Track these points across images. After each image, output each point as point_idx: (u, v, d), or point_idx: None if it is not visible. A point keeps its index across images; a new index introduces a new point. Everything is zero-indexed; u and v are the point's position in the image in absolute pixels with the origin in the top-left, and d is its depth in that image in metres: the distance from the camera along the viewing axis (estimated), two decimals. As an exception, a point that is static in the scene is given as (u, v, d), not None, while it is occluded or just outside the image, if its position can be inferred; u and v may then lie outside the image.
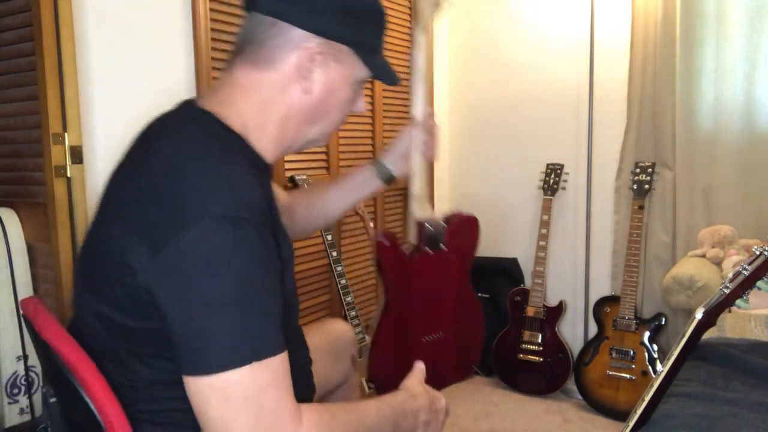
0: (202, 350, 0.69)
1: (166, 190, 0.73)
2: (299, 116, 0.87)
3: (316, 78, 0.84)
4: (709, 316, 0.94)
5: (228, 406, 0.69)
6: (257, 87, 0.83)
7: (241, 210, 0.71)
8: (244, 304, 0.70)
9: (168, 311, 0.71)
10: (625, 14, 2.50)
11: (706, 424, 0.94)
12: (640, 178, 2.42)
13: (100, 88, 1.57)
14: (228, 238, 0.69)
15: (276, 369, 0.71)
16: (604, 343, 2.40)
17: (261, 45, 0.82)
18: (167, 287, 0.70)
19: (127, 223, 0.75)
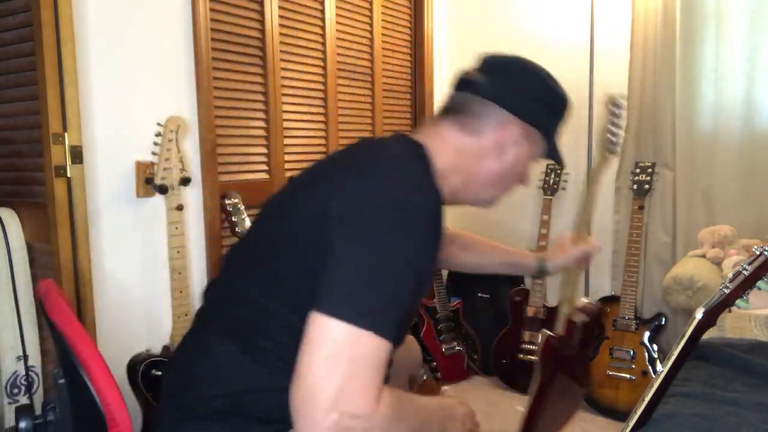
0: (343, 297, 0.77)
1: (381, 171, 0.89)
2: (483, 180, 1.03)
3: (509, 153, 1.01)
4: (709, 316, 0.94)
5: (333, 357, 0.74)
6: (458, 145, 1.00)
7: (426, 204, 0.85)
8: (393, 281, 0.79)
9: (336, 254, 0.80)
10: (625, 14, 2.50)
11: (706, 424, 0.94)
12: (640, 178, 2.42)
13: (100, 88, 1.57)
14: (413, 222, 0.82)
15: (383, 351, 0.77)
16: (604, 343, 2.40)
17: (471, 115, 1.00)
18: (347, 228, 0.81)
19: (338, 185, 0.88)
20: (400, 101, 2.78)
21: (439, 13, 2.95)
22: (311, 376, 0.75)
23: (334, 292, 0.78)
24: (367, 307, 0.77)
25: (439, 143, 0.99)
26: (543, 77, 1.05)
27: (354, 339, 0.75)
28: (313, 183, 0.95)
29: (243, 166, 2.00)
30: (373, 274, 0.78)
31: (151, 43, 1.68)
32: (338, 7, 2.34)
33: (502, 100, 0.99)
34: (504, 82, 1.01)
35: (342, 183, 0.88)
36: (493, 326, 2.77)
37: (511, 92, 1.00)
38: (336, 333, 0.75)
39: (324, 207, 0.85)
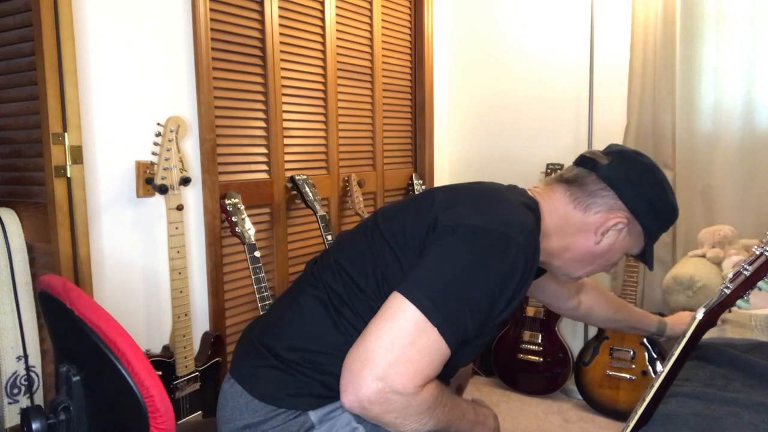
0: (423, 285, 0.86)
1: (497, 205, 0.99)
2: (576, 254, 1.09)
3: (608, 237, 1.07)
4: (709, 316, 0.94)
5: (396, 334, 0.83)
6: (565, 216, 1.07)
7: (527, 247, 0.92)
8: (470, 303, 0.87)
9: (431, 254, 0.90)
10: (625, 14, 2.50)
11: (706, 424, 0.94)
12: (640, 178, 2.42)
13: (100, 88, 1.57)
14: (512, 252, 0.89)
15: (442, 352, 0.85)
16: (604, 343, 2.40)
17: (585, 191, 1.06)
18: (442, 241, 0.91)
19: (452, 204, 0.99)
20: (400, 101, 2.78)
21: (439, 13, 2.95)
22: (374, 342, 0.83)
23: (420, 282, 0.86)
24: (442, 307, 0.84)
25: (549, 205, 1.08)
26: (661, 181, 1.09)
27: (421, 327, 0.83)
28: (432, 196, 1.04)
29: (243, 166, 2.00)
30: (456, 285, 0.86)
31: (151, 43, 1.68)
32: (338, 7, 2.34)
33: (617, 186, 1.05)
34: (624, 171, 1.06)
35: (456, 204, 0.98)
36: (493, 326, 2.77)
37: (628, 183, 1.05)
38: (409, 315, 0.83)
39: (434, 218, 0.95)
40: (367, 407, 0.82)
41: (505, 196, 1.03)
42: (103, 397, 0.87)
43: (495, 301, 0.90)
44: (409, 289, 0.86)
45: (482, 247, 0.89)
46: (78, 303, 0.88)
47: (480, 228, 0.90)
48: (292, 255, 2.20)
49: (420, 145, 2.89)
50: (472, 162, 3.01)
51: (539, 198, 1.09)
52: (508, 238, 0.90)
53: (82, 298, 0.88)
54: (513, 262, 0.90)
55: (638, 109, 2.47)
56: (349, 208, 2.41)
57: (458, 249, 0.89)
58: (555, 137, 2.74)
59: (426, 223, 0.96)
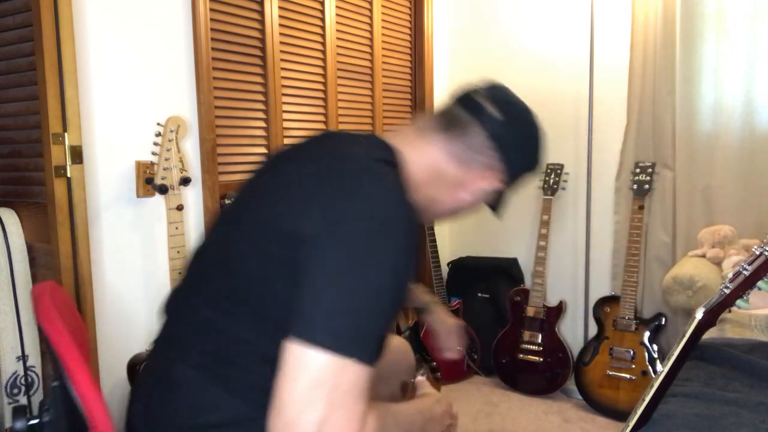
0: (320, 322, 0.73)
1: (344, 181, 0.81)
2: (445, 207, 1.00)
3: (480, 195, 0.99)
4: (709, 316, 0.94)
5: (313, 387, 0.71)
6: (439, 168, 0.95)
7: (403, 225, 0.79)
8: (373, 303, 0.75)
9: (310, 275, 0.75)
10: (625, 14, 2.50)
11: (706, 424, 0.94)
12: (640, 178, 2.42)
13: (100, 88, 1.57)
14: (391, 238, 0.77)
15: (364, 378, 0.74)
16: (604, 343, 2.40)
17: (467, 147, 0.95)
18: (323, 257, 0.75)
19: (302, 202, 0.81)
20: (400, 101, 2.78)
21: (439, 13, 2.95)
22: (291, 407, 0.71)
23: (311, 317, 0.73)
24: (346, 333, 0.73)
25: (419, 156, 0.95)
26: (540, 140, 1.02)
27: (335, 367, 0.71)
28: (267, 193, 0.88)
29: (243, 166, 2.00)
30: (351, 298, 0.74)
31: (151, 43, 1.68)
32: (338, 7, 2.34)
33: (506, 151, 0.96)
34: (517, 135, 0.97)
35: (307, 200, 0.81)
36: (493, 326, 2.77)
37: (514, 146, 0.97)
38: (316, 361, 0.71)
39: (286, 226, 0.80)
40: None
41: (356, 162, 0.85)
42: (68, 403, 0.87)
43: (398, 290, 0.80)
44: (302, 330, 0.73)
45: (363, 245, 0.76)
46: (41, 313, 0.87)
47: (351, 226, 0.76)
48: (292, 255, 2.20)
49: (420, 145, 2.89)
50: (472, 162, 3.00)
51: (404, 147, 0.94)
52: (385, 223, 0.78)
53: (46, 309, 0.88)
54: (402, 244, 0.79)
55: (638, 109, 2.47)
56: (349, 208, 2.41)
57: (339, 260, 0.75)
58: (555, 137, 2.74)
59: (278, 236, 0.81)
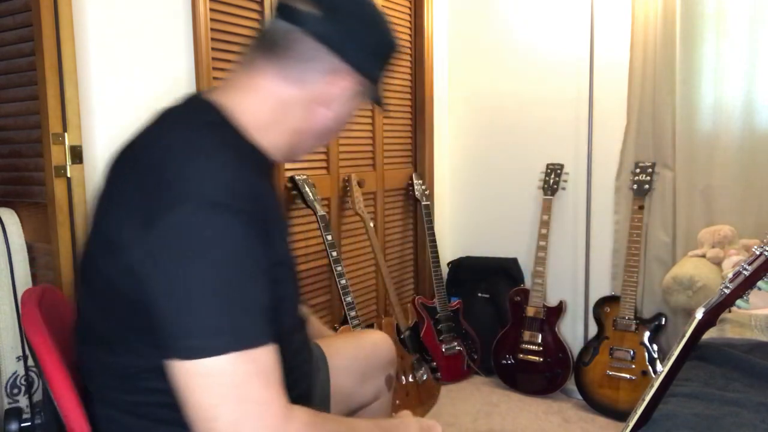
0: (182, 336, 0.70)
1: (159, 174, 0.75)
2: (313, 132, 0.91)
3: (340, 105, 0.90)
4: (709, 316, 0.94)
5: (211, 394, 0.68)
6: (281, 98, 0.86)
7: (226, 197, 0.73)
8: (227, 291, 0.70)
9: (152, 291, 0.72)
10: (625, 14, 2.50)
11: (706, 424, 0.94)
12: (640, 178, 2.42)
13: (100, 88, 1.57)
14: (213, 222, 0.71)
15: (261, 361, 0.71)
16: (604, 343, 2.40)
17: (298, 60, 0.84)
18: (153, 267, 0.71)
19: (123, 205, 0.77)
20: (400, 101, 2.78)
21: (439, 13, 2.95)
22: (203, 423, 0.69)
23: (176, 333, 0.70)
24: (215, 330, 0.69)
25: (254, 98, 0.86)
26: (380, 20, 0.90)
27: (223, 367, 0.68)
28: (105, 199, 0.83)
29: (243, 166, 2.00)
30: (204, 296, 0.70)
31: (151, 42, 1.68)
32: (338, 7, 2.34)
33: (337, 46, 0.84)
34: (340, 23, 0.85)
35: (130, 208, 0.75)
36: (493, 326, 2.77)
37: (347, 38, 0.85)
38: (202, 371, 0.68)
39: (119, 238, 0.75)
40: None
41: (173, 144, 0.79)
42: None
43: (261, 268, 0.75)
44: (175, 350, 0.69)
45: (197, 236, 0.70)
46: (24, 317, 0.87)
47: (174, 220, 0.71)
48: (292, 255, 2.20)
49: (420, 145, 2.89)
50: (472, 162, 3.01)
51: (236, 97, 0.86)
52: (215, 206, 0.72)
53: (30, 314, 0.87)
54: (240, 224, 0.73)
55: (638, 109, 2.47)
56: (349, 208, 2.41)
57: (177, 267, 0.70)
58: (555, 137, 2.74)
59: (114, 245, 0.76)
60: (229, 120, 0.84)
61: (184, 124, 0.83)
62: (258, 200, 0.77)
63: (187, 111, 0.86)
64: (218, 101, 0.85)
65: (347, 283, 2.19)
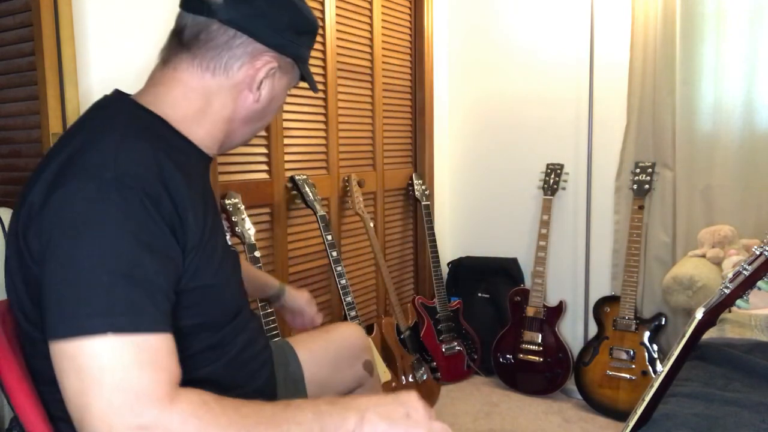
0: (58, 313, 0.67)
1: (66, 154, 0.76)
2: (242, 119, 0.93)
3: (265, 88, 0.90)
4: (709, 316, 0.94)
5: (81, 377, 0.64)
6: (204, 88, 0.88)
7: (125, 176, 0.72)
8: (112, 269, 0.67)
9: (42, 269, 0.70)
10: (625, 15, 2.50)
11: (706, 424, 0.94)
12: (640, 178, 2.42)
13: (100, 88, 1.57)
14: (106, 198, 0.70)
15: (144, 347, 0.67)
16: (604, 343, 2.40)
17: (215, 50, 0.87)
18: (41, 244, 0.70)
19: (34, 189, 0.75)
20: (400, 101, 2.78)
21: (439, 13, 2.95)
22: (75, 411, 0.65)
23: (54, 310, 0.67)
24: (92, 310, 0.66)
25: (179, 91, 0.88)
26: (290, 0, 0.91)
27: (96, 350, 0.65)
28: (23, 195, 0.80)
29: (243, 166, 2.00)
30: (85, 272, 0.67)
31: (151, 43, 1.68)
32: (338, 7, 2.34)
33: (248, 28, 0.86)
34: (247, 5, 0.86)
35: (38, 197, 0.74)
36: (493, 326, 2.77)
37: (258, 19, 0.86)
38: (74, 353, 0.65)
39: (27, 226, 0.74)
40: None
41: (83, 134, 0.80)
42: None
43: (160, 251, 0.72)
44: (49, 328, 0.67)
45: (85, 212, 0.69)
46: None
47: (66, 194, 0.70)
48: (292, 255, 2.20)
49: (420, 145, 2.89)
50: (472, 162, 3.01)
51: (158, 94, 0.89)
52: (110, 183, 0.70)
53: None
54: (138, 203, 0.71)
55: (638, 109, 2.47)
56: (349, 208, 2.41)
57: (58, 235, 0.69)
58: (555, 137, 2.74)
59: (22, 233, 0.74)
60: (155, 114, 0.86)
61: (99, 118, 0.84)
62: (167, 185, 0.76)
63: (105, 108, 0.88)
64: (143, 99, 0.88)
65: (347, 283, 2.19)
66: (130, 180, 0.72)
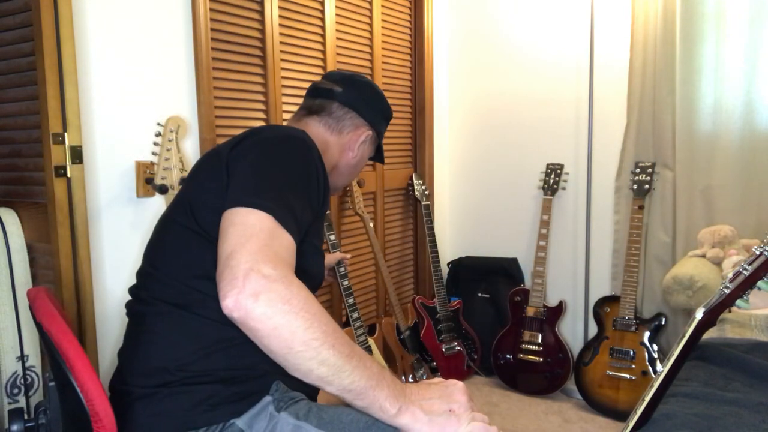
0: (243, 190, 0.90)
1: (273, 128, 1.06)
2: (341, 170, 1.27)
3: (360, 150, 1.26)
4: (709, 316, 0.94)
5: (244, 231, 0.84)
6: (325, 142, 1.22)
7: (310, 140, 1.03)
8: (285, 181, 0.93)
9: (233, 171, 0.95)
10: (625, 15, 2.50)
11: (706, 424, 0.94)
12: (640, 178, 2.42)
13: (100, 88, 1.57)
14: (299, 141, 1.00)
15: (286, 241, 0.87)
16: (604, 343, 2.40)
17: (335, 119, 1.23)
18: (241, 154, 0.97)
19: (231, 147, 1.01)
20: (401, 101, 2.78)
21: (439, 13, 2.95)
22: (228, 249, 0.82)
23: (240, 189, 0.90)
24: (264, 197, 0.88)
25: (311, 133, 1.18)
26: (381, 93, 1.30)
27: (255, 221, 0.85)
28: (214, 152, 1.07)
29: (243, 166, 2.00)
30: (274, 176, 0.93)
31: (151, 42, 1.68)
32: (338, 7, 2.34)
33: (357, 108, 1.24)
34: (358, 94, 1.25)
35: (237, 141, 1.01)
36: (493, 326, 2.77)
37: (363, 103, 1.25)
38: (239, 220, 0.85)
39: (227, 153, 0.99)
40: (250, 305, 0.77)
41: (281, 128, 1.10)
42: (66, 401, 0.88)
43: (310, 184, 0.97)
44: (232, 199, 0.89)
45: (283, 143, 0.98)
46: (39, 310, 0.91)
47: (275, 136, 1.00)
48: (292, 255, 2.20)
49: (420, 145, 2.89)
50: (473, 162, 3.01)
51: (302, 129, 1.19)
52: (302, 140, 1.01)
53: (44, 306, 0.91)
54: (310, 155, 0.99)
55: (638, 109, 2.47)
56: (349, 208, 2.41)
57: (262, 150, 0.96)
58: (555, 137, 2.74)
59: (221, 163, 0.99)
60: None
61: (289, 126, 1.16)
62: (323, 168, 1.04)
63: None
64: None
65: (350, 284, 2.18)
66: (314, 146, 1.02)
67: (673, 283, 2.01)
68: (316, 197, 0.99)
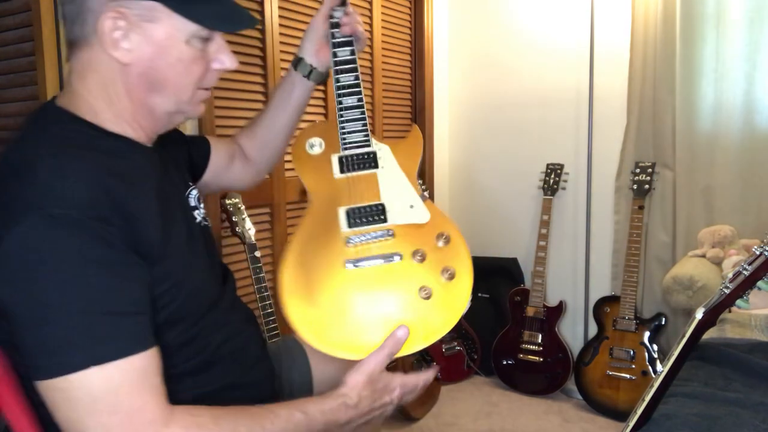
0: (39, 355, 0.68)
1: (2, 190, 0.73)
2: (137, 88, 0.81)
3: (130, 45, 0.77)
4: (709, 316, 0.94)
5: (74, 408, 0.67)
6: (88, 68, 0.80)
7: (72, 208, 0.69)
8: (79, 304, 0.68)
9: (11, 313, 0.69)
10: (625, 14, 2.50)
11: (706, 424, 0.94)
12: (640, 178, 2.42)
13: (100, 88, 1.57)
14: (54, 236, 0.68)
15: (128, 369, 0.69)
16: (604, 343, 2.40)
17: (72, 22, 0.78)
18: (3, 288, 0.69)
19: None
20: (400, 101, 2.78)
21: (439, 13, 2.95)
22: None
23: (33, 353, 0.68)
24: (70, 347, 0.67)
25: (79, 83, 0.81)
26: None
27: (83, 382, 0.66)
28: None
29: (243, 166, 2.00)
30: (55, 312, 0.67)
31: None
32: (338, 7, 2.34)
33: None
34: None
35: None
36: (493, 326, 2.77)
37: None
38: (64, 386, 0.67)
39: None
40: None
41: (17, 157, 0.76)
42: None
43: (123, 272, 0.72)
44: (34, 370, 0.68)
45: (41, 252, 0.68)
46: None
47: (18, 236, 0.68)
48: (292, 255, 2.20)
49: (420, 145, 2.89)
50: (473, 162, 3.01)
51: (71, 100, 0.82)
52: (57, 219, 0.68)
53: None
54: (89, 233, 0.69)
55: (638, 109, 2.47)
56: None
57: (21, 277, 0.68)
58: (555, 137, 2.74)
59: None
60: (76, 120, 0.80)
61: (31, 138, 0.79)
62: (114, 203, 0.73)
63: (36, 122, 0.82)
64: (64, 104, 0.82)
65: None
66: (78, 211, 0.69)
67: (673, 283, 2.01)
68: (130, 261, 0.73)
